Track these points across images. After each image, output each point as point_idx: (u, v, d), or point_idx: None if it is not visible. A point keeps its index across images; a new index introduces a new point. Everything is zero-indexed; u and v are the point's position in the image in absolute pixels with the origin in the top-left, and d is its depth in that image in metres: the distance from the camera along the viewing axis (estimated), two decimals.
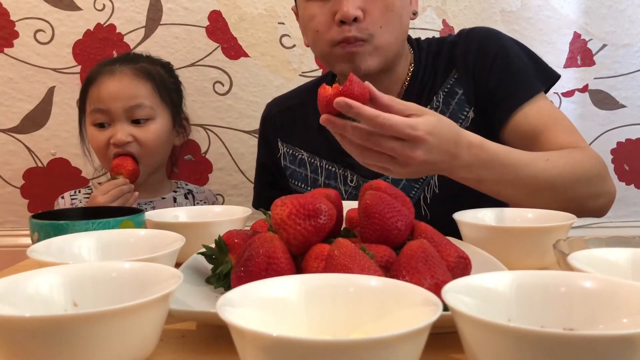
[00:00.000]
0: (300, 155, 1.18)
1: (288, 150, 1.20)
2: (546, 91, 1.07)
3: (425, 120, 0.73)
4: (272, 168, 1.24)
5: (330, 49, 1.02)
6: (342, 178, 1.14)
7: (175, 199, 1.34)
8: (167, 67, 1.36)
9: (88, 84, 1.26)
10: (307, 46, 1.10)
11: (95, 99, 1.22)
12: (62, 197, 1.30)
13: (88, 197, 1.30)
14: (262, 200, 1.28)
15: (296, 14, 1.12)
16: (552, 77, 1.07)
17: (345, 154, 1.11)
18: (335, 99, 0.68)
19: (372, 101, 0.72)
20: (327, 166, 1.15)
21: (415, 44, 1.14)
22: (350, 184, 1.13)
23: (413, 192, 1.09)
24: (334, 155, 1.14)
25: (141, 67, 1.26)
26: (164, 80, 1.30)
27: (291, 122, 1.21)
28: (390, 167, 0.75)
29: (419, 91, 1.10)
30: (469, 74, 1.07)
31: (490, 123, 1.05)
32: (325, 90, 0.71)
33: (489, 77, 1.05)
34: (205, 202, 1.41)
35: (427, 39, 1.16)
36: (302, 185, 1.18)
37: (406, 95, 1.10)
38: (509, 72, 1.04)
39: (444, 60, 1.10)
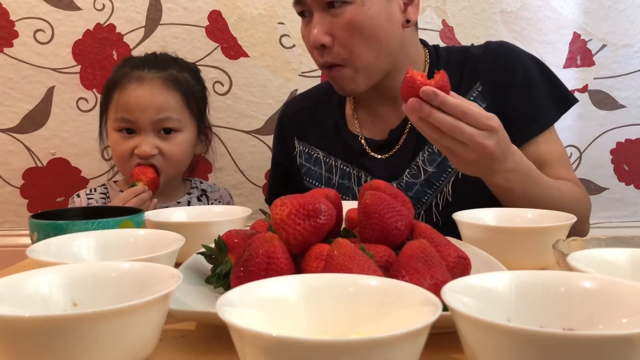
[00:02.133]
0: (315, 154, 1.19)
1: (304, 148, 1.20)
2: (561, 115, 1.09)
3: (493, 114, 0.81)
4: (287, 166, 1.24)
5: (322, 69, 1.05)
6: (356, 179, 1.14)
7: (189, 202, 1.31)
8: (194, 73, 1.32)
9: (113, 86, 1.22)
10: None
11: (122, 107, 1.19)
12: (78, 196, 1.27)
13: (104, 197, 1.28)
14: (275, 197, 1.27)
15: None
16: (568, 103, 1.09)
17: (360, 154, 1.15)
18: (422, 87, 0.75)
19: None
20: (342, 166, 1.15)
21: (433, 51, 1.13)
22: None
23: (425, 198, 1.09)
24: (349, 156, 1.15)
25: (170, 76, 1.23)
26: (192, 89, 1.27)
27: (308, 121, 1.22)
28: (463, 152, 0.80)
29: None
30: (493, 90, 1.08)
31: None
32: (414, 76, 0.77)
33: (509, 100, 1.06)
34: (219, 202, 1.37)
35: (447, 47, 1.17)
36: (317, 184, 1.19)
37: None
38: (530, 99, 1.06)
39: (469, 71, 1.10)
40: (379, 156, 1.12)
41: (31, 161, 1.61)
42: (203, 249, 0.63)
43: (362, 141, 1.14)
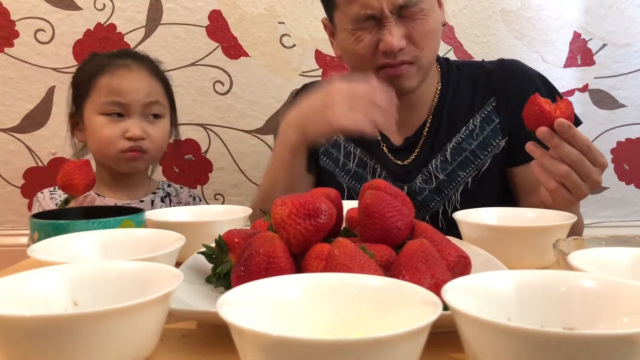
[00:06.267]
0: (335, 136, 1.18)
1: None
2: None
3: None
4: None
5: (375, 72, 1.04)
6: (371, 169, 1.15)
7: (152, 201, 1.33)
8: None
9: (97, 73, 1.24)
10: (339, 57, 1.12)
11: (113, 90, 1.22)
12: (42, 193, 1.27)
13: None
14: None
15: (329, 30, 1.12)
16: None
17: (378, 149, 1.14)
18: (557, 120, 0.78)
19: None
20: (360, 155, 1.16)
21: (444, 63, 1.16)
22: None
23: (433, 204, 1.11)
24: (368, 146, 1.15)
25: (152, 66, 1.29)
26: (169, 83, 1.33)
27: None
28: (582, 189, 0.82)
29: (452, 109, 1.12)
30: (507, 107, 1.10)
31: (508, 156, 1.10)
32: (543, 104, 0.79)
33: (520, 118, 1.07)
34: (177, 205, 1.37)
35: (459, 61, 1.20)
36: (332, 165, 1.18)
37: (437, 110, 1.13)
38: None
39: (483, 86, 1.13)
40: (395, 160, 1.14)
41: (32, 161, 1.61)
42: (203, 249, 0.63)
43: (383, 146, 1.15)
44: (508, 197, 1.14)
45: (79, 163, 0.96)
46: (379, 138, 1.15)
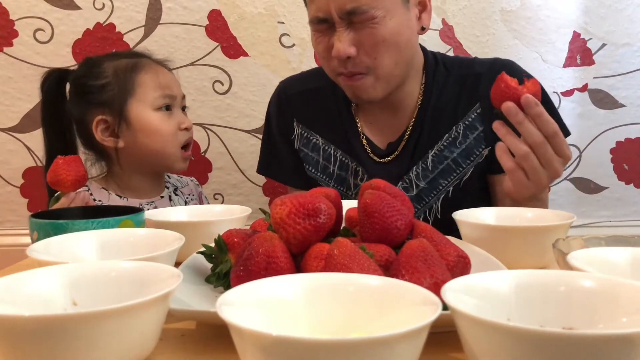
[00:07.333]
0: (314, 140, 1.17)
1: (303, 132, 1.19)
2: None
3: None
4: (287, 145, 1.22)
5: (335, 77, 1.04)
6: (353, 171, 1.14)
7: (170, 197, 1.33)
8: None
9: (131, 71, 1.20)
10: None
11: (164, 85, 1.21)
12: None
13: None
14: (270, 166, 1.26)
15: None
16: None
17: (358, 150, 1.13)
18: (524, 94, 0.76)
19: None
20: (340, 157, 1.15)
21: (432, 59, 1.12)
22: (360, 182, 1.13)
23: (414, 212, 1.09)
24: (348, 147, 1.14)
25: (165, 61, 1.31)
26: None
27: (309, 104, 1.19)
28: (540, 175, 0.80)
29: (435, 114, 1.09)
30: (492, 114, 1.06)
31: (491, 163, 1.07)
32: (509, 80, 0.79)
33: None
34: (191, 196, 1.38)
35: (450, 58, 1.15)
36: (313, 170, 1.18)
37: (420, 114, 1.10)
38: None
39: (469, 89, 1.09)
40: (378, 159, 1.12)
41: (31, 160, 1.61)
42: (203, 249, 0.63)
43: (364, 141, 1.13)
44: (491, 204, 1.12)
45: (67, 159, 0.93)
46: (363, 141, 1.13)
